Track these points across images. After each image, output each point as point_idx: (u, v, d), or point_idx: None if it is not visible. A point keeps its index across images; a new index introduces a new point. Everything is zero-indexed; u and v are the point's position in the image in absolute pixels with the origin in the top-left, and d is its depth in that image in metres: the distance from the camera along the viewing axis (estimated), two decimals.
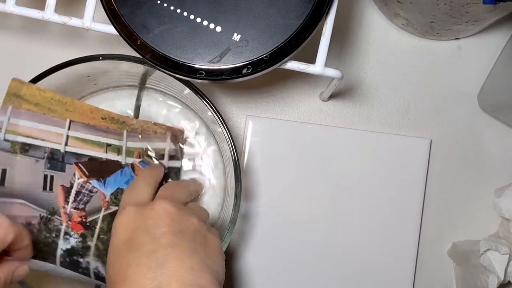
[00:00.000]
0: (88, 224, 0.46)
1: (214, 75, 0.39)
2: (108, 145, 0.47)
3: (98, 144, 0.47)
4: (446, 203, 0.55)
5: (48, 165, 0.46)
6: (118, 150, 0.47)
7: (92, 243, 0.46)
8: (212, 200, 0.51)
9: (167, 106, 0.51)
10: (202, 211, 0.43)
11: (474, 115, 0.55)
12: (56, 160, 0.46)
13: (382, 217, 0.53)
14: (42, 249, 0.45)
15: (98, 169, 0.47)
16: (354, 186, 0.53)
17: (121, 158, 0.47)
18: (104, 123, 0.47)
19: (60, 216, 0.46)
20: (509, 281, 0.50)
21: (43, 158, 0.46)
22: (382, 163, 0.53)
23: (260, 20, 0.39)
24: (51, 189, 0.46)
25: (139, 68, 0.45)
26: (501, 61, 0.54)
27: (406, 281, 0.53)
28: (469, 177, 0.55)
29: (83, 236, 0.46)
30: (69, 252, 0.45)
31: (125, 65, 0.45)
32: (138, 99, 0.51)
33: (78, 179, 0.46)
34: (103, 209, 0.47)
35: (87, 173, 0.47)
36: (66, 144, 0.46)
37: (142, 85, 0.51)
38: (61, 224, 0.46)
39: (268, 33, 0.39)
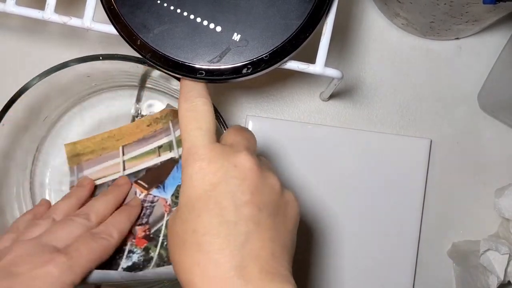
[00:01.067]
0: (152, 236, 0.43)
1: (214, 75, 0.39)
2: (159, 147, 0.46)
3: (151, 152, 0.46)
4: (446, 203, 0.55)
5: None
6: (169, 146, 0.46)
7: (155, 253, 0.43)
8: None
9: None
10: (272, 166, 0.37)
11: (474, 115, 0.55)
12: None
13: (382, 217, 0.53)
14: (103, 267, 0.41)
15: (156, 176, 0.45)
16: (354, 186, 0.53)
17: (174, 153, 0.46)
18: (151, 128, 0.47)
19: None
20: (509, 281, 0.50)
21: None
22: (382, 163, 0.53)
23: (260, 20, 0.39)
24: None
25: (139, 68, 0.45)
26: (501, 61, 0.54)
27: (406, 281, 0.53)
28: (469, 177, 0.55)
29: (146, 249, 0.43)
30: (130, 268, 0.42)
31: (125, 65, 0.45)
32: (138, 99, 0.51)
33: (140, 195, 0.45)
34: (165, 214, 0.44)
35: (146, 186, 0.45)
36: (123, 169, 0.47)
37: (142, 85, 0.51)
38: (125, 245, 0.43)
39: (268, 33, 0.39)
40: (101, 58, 0.44)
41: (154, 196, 0.45)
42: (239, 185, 0.32)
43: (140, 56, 0.40)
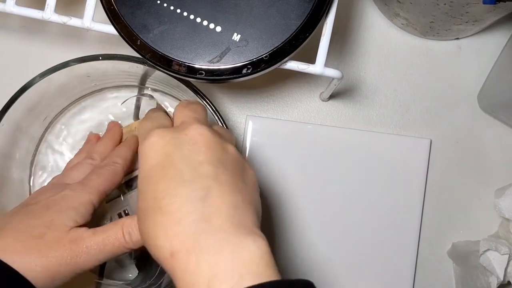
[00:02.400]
0: None
1: (214, 75, 0.39)
2: None
3: None
4: (446, 203, 0.55)
5: None
6: None
7: None
8: None
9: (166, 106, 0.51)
10: (231, 135, 0.38)
11: (474, 115, 0.55)
12: None
13: (382, 217, 0.53)
14: None
15: None
16: (354, 186, 0.53)
17: None
18: None
19: None
20: (509, 282, 0.49)
21: None
22: (382, 163, 0.53)
23: (260, 20, 0.39)
24: None
25: (139, 68, 0.45)
26: (501, 61, 0.54)
27: (406, 281, 0.53)
28: (469, 177, 0.55)
29: None
30: None
31: (125, 65, 0.45)
32: (138, 99, 0.51)
33: None
34: None
35: None
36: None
37: (142, 85, 0.51)
38: None
39: (268, 33, 0.39)
40: (101, 58, 0.44)
41: None
42: (191, 149, 0.33)
43: (140, 56, 0.40)
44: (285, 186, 0.53)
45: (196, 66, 0.39)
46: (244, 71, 0.39)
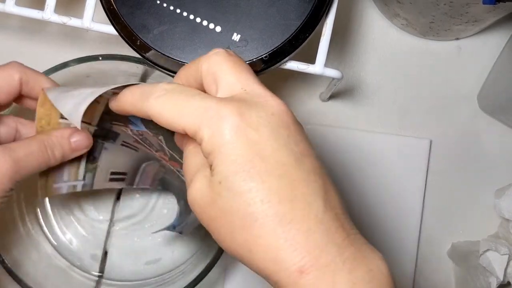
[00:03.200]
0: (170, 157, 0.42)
1: None
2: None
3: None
4: (446, 203, 0.55)
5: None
6: None
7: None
8: None
9: None
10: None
11: (474, 115, 0.55)
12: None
13: (382, 217, 0.53)
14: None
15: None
16: (354, 186, 0.53)
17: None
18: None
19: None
20: (508, 282, 0.49)
21: None
22: (382, 163, 0.53)
23: (260, 20, 0.39)
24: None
25: (139, 69, 0.45)
26: (501, 62, 0.54)
27: (406, 281, 0.53)
28: (469, 177, 0.55)
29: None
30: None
31: (124, 66, 0.45)
32: None
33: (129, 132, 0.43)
34: (158, 141, 0.41)
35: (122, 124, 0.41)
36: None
37: None
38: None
39: (268, 33, 0.39)
40: (100, 58, 0.44)
41: (136, 130, 0.41)
42: (288, 135, 0.26)
43: (139, 56, 0.40)
44: None
45: None
46: None
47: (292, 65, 0.41)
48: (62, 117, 0.37)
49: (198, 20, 0.39)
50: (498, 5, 0.41)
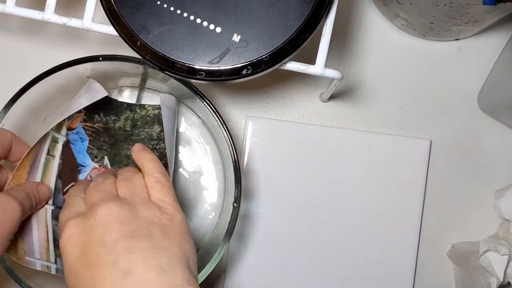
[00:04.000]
0: None
1: (214, 76, 0.39)
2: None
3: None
4: (446, 204, 0.55)
5: None
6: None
7: None
8: (212, 201, 0.51)
9: None
10: (142, 184, 0.38)
11: (474, 116, 0.55)
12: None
13: (382, 218, 0.53)
14: None
15: (69, 165, 0.48)
16: (354, 187, 0.53)
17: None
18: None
19: None
20: (508, 282, 0.49)
21: None
22: (382, 164, 0.53)
23: (260, 21, 0.39)
24: None
25: (139, 69, 0.45)
26: (501, 62, 0.54)
27: (406, 282, 0.53)
28: (469, 178, 0.55)
29: None
30: None
31: (125, 66, 0.45)
32: (138, 100, 0.51)
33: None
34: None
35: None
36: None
37: (142, 86, 0.51)
38: None
39: (268, 34, 0.39)
40: (101, 59, 0.44)
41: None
42: (103, 231, 0.34)
43: (140, 57, 0.40)
44: (284, 187, 0.53)
45: (196, 66, 0.39)
46: (244, 72, 0.39)
47: (292, 65, 0.41)
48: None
49: (198, 21, 0.39)
50: (498, 5, 0.41)
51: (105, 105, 0.49)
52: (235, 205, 0.44)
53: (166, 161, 0.46)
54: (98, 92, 0.45)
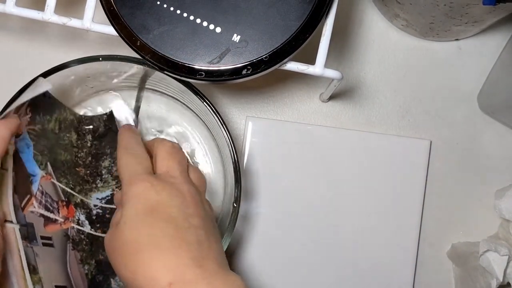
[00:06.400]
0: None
1: (214, 76, 0.39)
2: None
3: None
4: (446, 204, 0.55)
5: None
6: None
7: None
8: (212, 201, 0.51)
9: (166, 107, 0.51)
10: (204, 180, 0.43)
11: (474, 116, 0.55)
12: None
13: (382, 218, 0.53)
14: None
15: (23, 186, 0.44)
16: (354, 187, 0.53)
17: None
18: None
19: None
20: (508, 283, 0.49)
21: None
22: (382, 164, 0.53)
23: (260, 21, 0.39)
24: None
25: (139, 69, 0.45)
26: (501, 62, 0.54)
27: (405, 282, 0.53)
28: (469, 178, 0.55)
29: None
30: None
31: (125, 66, 0.45)
32: (138, 100, 0.51)
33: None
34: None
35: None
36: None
37: (141, 86, 0.51)
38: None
39: (268, 34, 0.39)
40: (100, 59, 0.44)
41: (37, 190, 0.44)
42: (182, 202, 0.37)
43: (139, 57, 0.40)
44: (284, 187, 0.53)
45: (196, 67, 0.39)
46: (244, 72, 0.39)
47: (292, 66, 0.41)
48: None
49: (198, 21, 0.39)
50: (498, 5, 0.41)
51: (46, 103, 0.45)
52: (235, 205, 0.44)
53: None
54: (41, 86, 0.41)
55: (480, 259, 0.49)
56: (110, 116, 0.49)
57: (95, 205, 0.48)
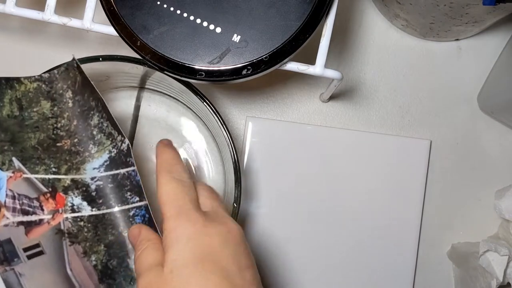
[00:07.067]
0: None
1: (214, 76, 0.39)
2: None
3: None
4: (446, 204, 0.55)
5: None
6: None
7: None
8: None
9: (166, 107, 0.51)
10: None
11: (474, 116, 0.55)
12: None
13: (382, 218, 0.53)
14: None
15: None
16: (354, 187, 0.53)
17: None
18: None
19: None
20: (508, 283, 0.49)
21: None
22: (382, 164, 0.53)
23: (260, 21, 0.39)
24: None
25: (139, 69, 0.45)
26: (501, 62, 0.54)
27: (405, 282, 0.53)
28: (469, 178, 0.55)
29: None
30: None
31: (124, 66, 0.45)
32: (138, 100, 0.51)
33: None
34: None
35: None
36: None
37: (141, 86, 0.51)
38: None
39: (268, 34, 0.39)
40: (100, 59, 0.44)
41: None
42: (237, 250, 0.33)
43: (140, 57, 0.40)
44: (284, 187, 0.53)
45: (196, 67, 0.39)
46: (244, 72, 0.39)
47: (292, 66, 0.41)
48: None
49: (198, 21, 0.39)
50: (498, 6, 0.41)
51: None
52: (235, 205, 0.44)
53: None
54: None
55: (480, 259, 0.49)
56: (72, 62, 0.42)
57: (92, 178, 0.41)
